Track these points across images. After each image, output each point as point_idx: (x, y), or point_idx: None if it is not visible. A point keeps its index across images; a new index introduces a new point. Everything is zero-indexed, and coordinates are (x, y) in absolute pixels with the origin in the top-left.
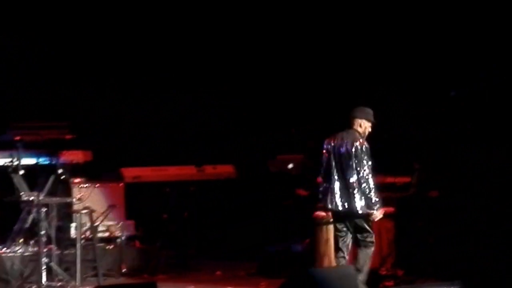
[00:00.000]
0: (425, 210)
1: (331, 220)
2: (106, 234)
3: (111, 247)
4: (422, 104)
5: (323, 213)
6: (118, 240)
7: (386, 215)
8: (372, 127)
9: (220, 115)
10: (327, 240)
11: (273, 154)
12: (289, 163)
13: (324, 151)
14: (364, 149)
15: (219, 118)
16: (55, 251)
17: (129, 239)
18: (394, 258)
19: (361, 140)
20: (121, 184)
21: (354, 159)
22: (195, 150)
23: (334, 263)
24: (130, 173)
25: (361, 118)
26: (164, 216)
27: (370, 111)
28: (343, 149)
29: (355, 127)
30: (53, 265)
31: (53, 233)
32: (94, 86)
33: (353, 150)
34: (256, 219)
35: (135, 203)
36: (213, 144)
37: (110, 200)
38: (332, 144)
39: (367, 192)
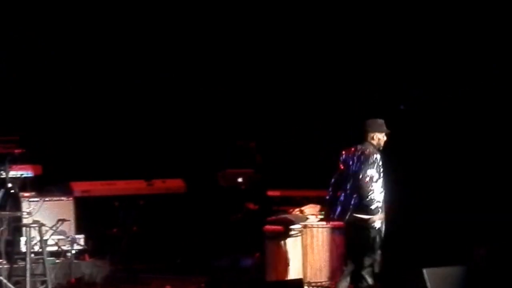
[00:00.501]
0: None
1: (282, 233)
2: (56, 248)
3: (60, 261)
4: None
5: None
6: (68, 254)
7: (337, 229)
8: (387, 136)
9: (169, 128)
10: (276, 254)
11: (222, 167)
12: (238, 177)
13: (340, 163)
14: (372, 159)
15: (169, 132)
16: (5, 265)
17: (79, 253)
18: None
19: (370, 150)
20: (70, 198)
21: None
22: (145, 164)
23: (283, 277)
24: (80, 187)
25: (373, 131)
26: (113, 230)
27: (381, 122)
28: (356, 162)
29: (368, 140)
30: (2, 279)
31: (2, 247)
32: (43, 100)
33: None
34: (206, 233)
35: (84, 217)
36: (162, 158)
37: (59, 214)
38: (349, 155)
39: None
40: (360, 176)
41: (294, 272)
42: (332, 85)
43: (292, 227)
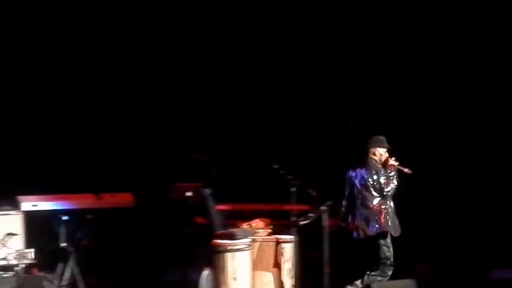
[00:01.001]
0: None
1: (229, 248)
2: (4, 262)
3: (9, 275)
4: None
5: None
6: (16, 268)
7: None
8: (388, 152)
9: (118, 142)
10: (224, 268)
11: (172, 182)
12: (188, 191)
13: (346, 181)
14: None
15: (118, 146)
16: None
17: (28, 267)
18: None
19: (378, 166)
20: (19, 212)
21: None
22: (94, 178)
23: None
24: (28, 200)
25: (374, 147)
26: (63, 244)
27: (382, 139)
28: (362, 178)
29: (370, 155)
30: None
31: None
32: None
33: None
34: (155, 247)
35: (34, 231)
36: (111, 172)
37: (8, 228)
38: (353, 174)
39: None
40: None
41: (242, 286)
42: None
43: (240, 241)
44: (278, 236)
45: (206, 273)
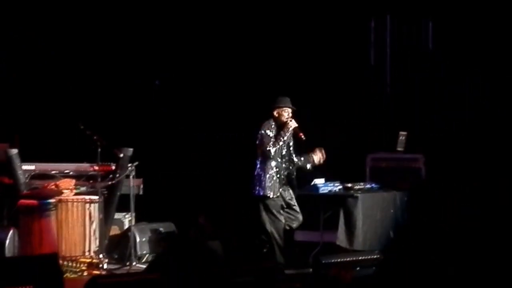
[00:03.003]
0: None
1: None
2: None
3: None
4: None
5: None
6: None
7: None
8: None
9: None
10: (30, 228)
11: None
12: None
13: None
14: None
15: None
16: None
17: None
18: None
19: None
20: None
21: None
22: None
23: (37, 252)
24: None
25: (280, 106)
26: None
27: (287, 99)
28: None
29: (274, 114)
30: None
31: None
32: None
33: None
34: None
35: None
36: None
37: None
38: None
39: None
40: None
41: (48, 246)
42: None
43: (46, 201)
44: (85, 197)
45: (12, 233)
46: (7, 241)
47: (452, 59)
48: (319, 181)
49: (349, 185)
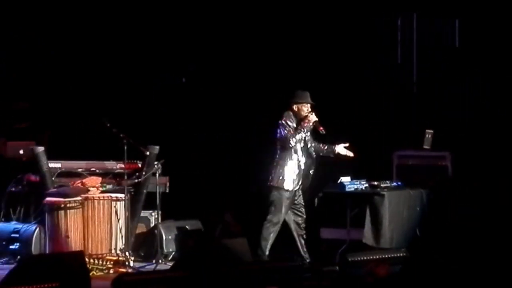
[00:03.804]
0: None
1: (61, 206)
2: None
3: None
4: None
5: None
6: None
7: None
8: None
9: None
10: (56, 226)
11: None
12: (20, 149)
13: None
14: None
15: None
16: None
17: None
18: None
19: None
20: None
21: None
22: None
23: (63, 249)
24: None
25: (299, 101)
26: None
27: (307, 94)
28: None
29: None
30: None
31: None
32: None
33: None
34: None
35: None
36: None
37: None
38: None
39: None
40: None
41: (74, 244)
42: None
43: (73, 199)
44: (111, 195)
45: (38, 231)
46: (34, 239)
47: (479, 56)
48: (346, 179)
49: (376, 183)
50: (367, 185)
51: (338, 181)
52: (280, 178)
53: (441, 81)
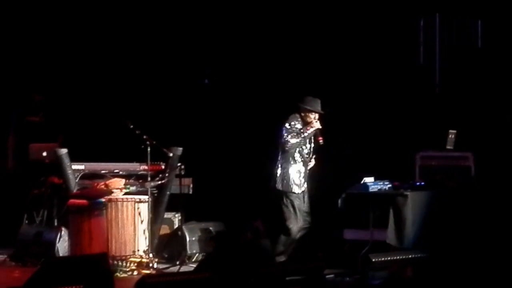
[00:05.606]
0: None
1: (86, 207)
2: None
3: None
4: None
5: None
6: None
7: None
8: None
9: None
10: (80, 228)
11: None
12: (43, 151)
13: None
14: None
15: None
16: None
17: None
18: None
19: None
20: None
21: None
22: None
23: (87, 251)
24: None
25: (309, 108)
26: None
27: (318, 101)
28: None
29: (302, 113)
30: None
31: None
32: None
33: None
34: (10, 206)
35: None
36: None
37: None
38: None
39: None
40: None
41: (98, 246)
42: None
43: (96, 201)
44: (134, 196)
45: (62, 233)
46: (58, 241)
47: (501, 57)
48: (369, 180)
49: (399, 183)
50: (390, 185)
51: (362, 182)
52: (285, 182)
53: (464, 81)
